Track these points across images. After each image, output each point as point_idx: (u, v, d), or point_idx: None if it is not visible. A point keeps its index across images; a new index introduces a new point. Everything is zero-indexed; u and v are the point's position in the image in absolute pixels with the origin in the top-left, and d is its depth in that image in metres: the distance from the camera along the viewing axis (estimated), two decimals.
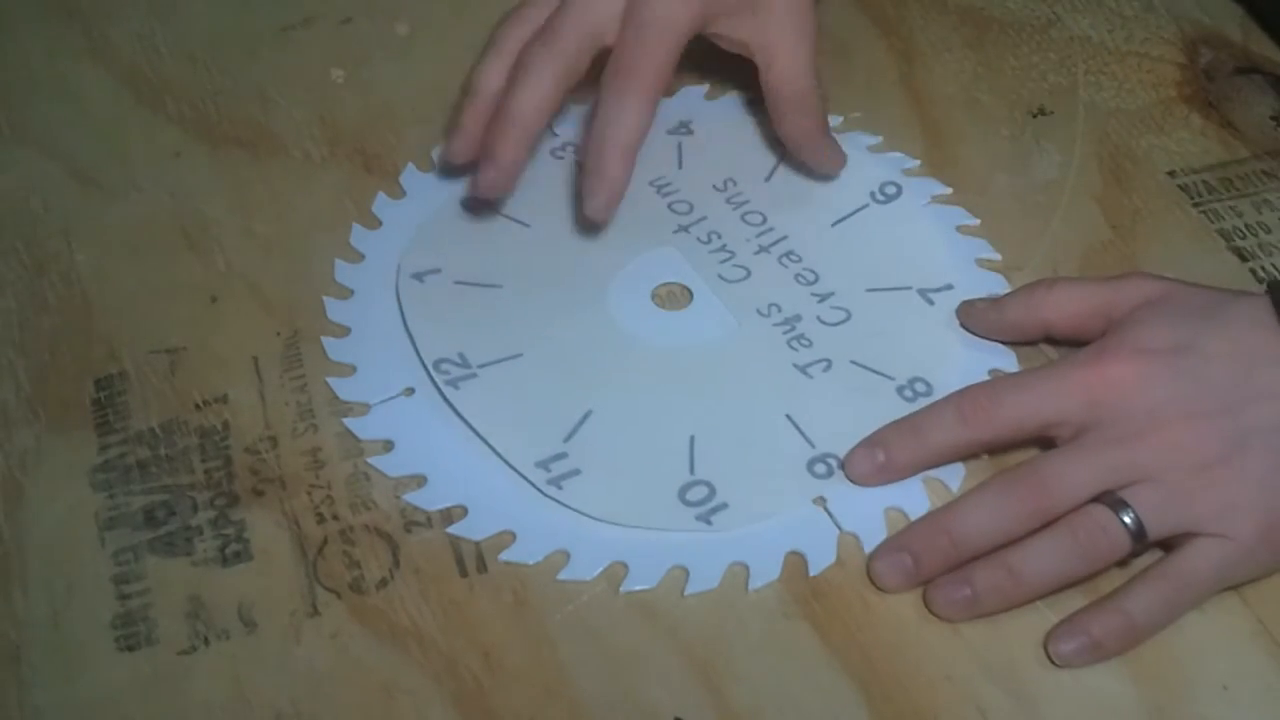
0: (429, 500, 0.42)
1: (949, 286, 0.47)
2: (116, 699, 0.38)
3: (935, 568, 0.39)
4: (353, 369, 0.45)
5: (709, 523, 0.41)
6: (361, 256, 0.49)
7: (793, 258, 0.48)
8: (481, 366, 0.45)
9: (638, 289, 0.47)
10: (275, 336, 0.46)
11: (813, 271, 0.48)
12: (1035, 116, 0.54)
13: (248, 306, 0.47)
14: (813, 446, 0.43)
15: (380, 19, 0.57)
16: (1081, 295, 0.43)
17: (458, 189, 0.50)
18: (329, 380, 0.45)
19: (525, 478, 0.42)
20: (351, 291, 0.48)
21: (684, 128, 0.53)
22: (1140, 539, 0.38)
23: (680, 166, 0.52)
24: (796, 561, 0.41)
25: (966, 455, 0.42)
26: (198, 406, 0.44)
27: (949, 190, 0.51)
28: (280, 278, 0.48)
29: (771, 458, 0.43)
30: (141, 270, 0.48)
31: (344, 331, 0.46)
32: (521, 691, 0.38)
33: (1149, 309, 0.42)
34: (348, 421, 0.44)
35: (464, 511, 0.42)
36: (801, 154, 0.50)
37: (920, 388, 0.44)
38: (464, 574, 0.41)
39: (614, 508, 0.41)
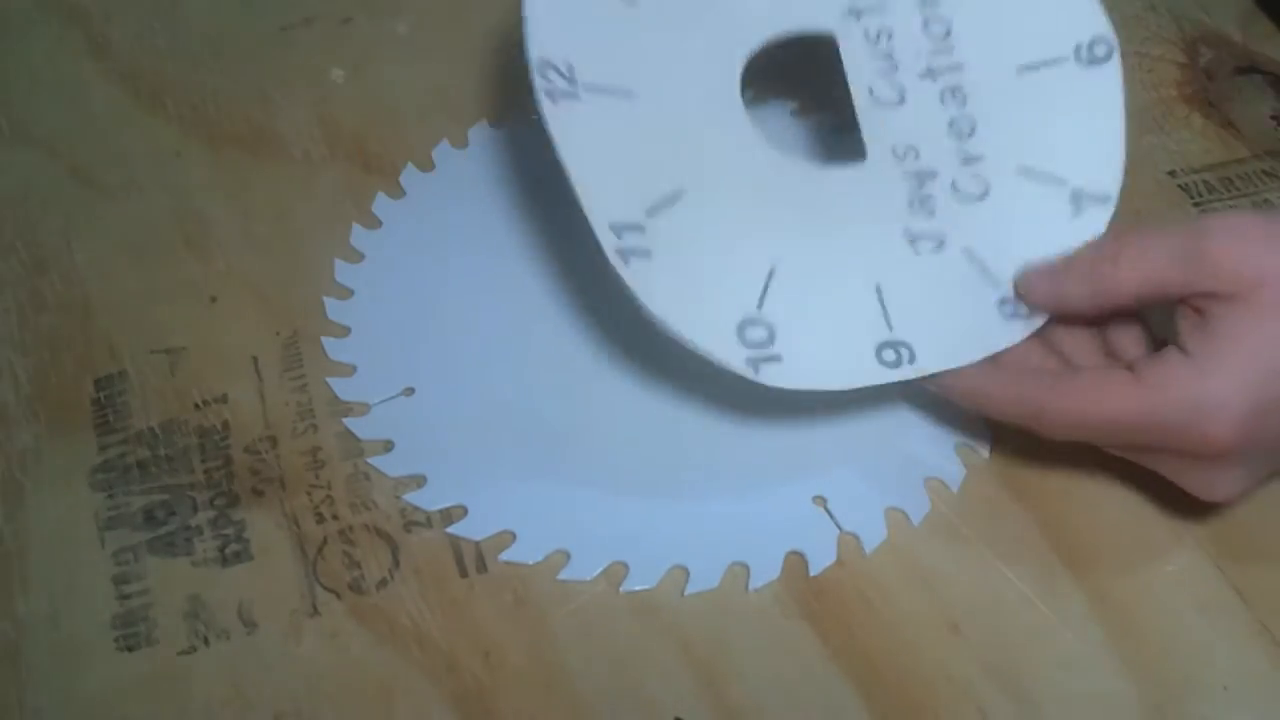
0: (429, 500, 0.42)
1: (1107, 198, 0.41)
2: (116, 699, 0.38)
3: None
4: (353, 369, 0.45)
5: (756, 370, 0.37)
6: (361, 256, 0.49)
7: (957, 96, 0.42)
8: (587, 90, 0.39)
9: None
10: (275, 336, 0.46)
11: (972, 121, 0.41)
12: None
13: (248, 306, 0.47)
14: (890, 328, 0.39)
15: (380, 19, 0.57)
16: (1152, 264, 0.37)
17: None
18: (329, 380, 0.45)
19: (594, 232, 0.37)
20: (351, 291, 0.48)
21: None
22: None
23: None
24: (796, 561, 0.41)
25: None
26: (197, 406, 0.44)
27: None
28: (280, 278, 0.48)
29: (843, 325, 0.39)
30: (141, 270, 0.48)
31: (344, 331, 0.46)
32: (521, 691, 0.38)
33: (1255, 326, 0.36)
34: (348, 421, 0.44)
35: (464, 511, 0.42)
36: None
37: (1021, 309, 0.40)
38: (464, 574, 0.41)
39: (672, 309, 0.37)
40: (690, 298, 0.38)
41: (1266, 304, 0.36)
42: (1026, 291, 0.40)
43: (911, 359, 0.39)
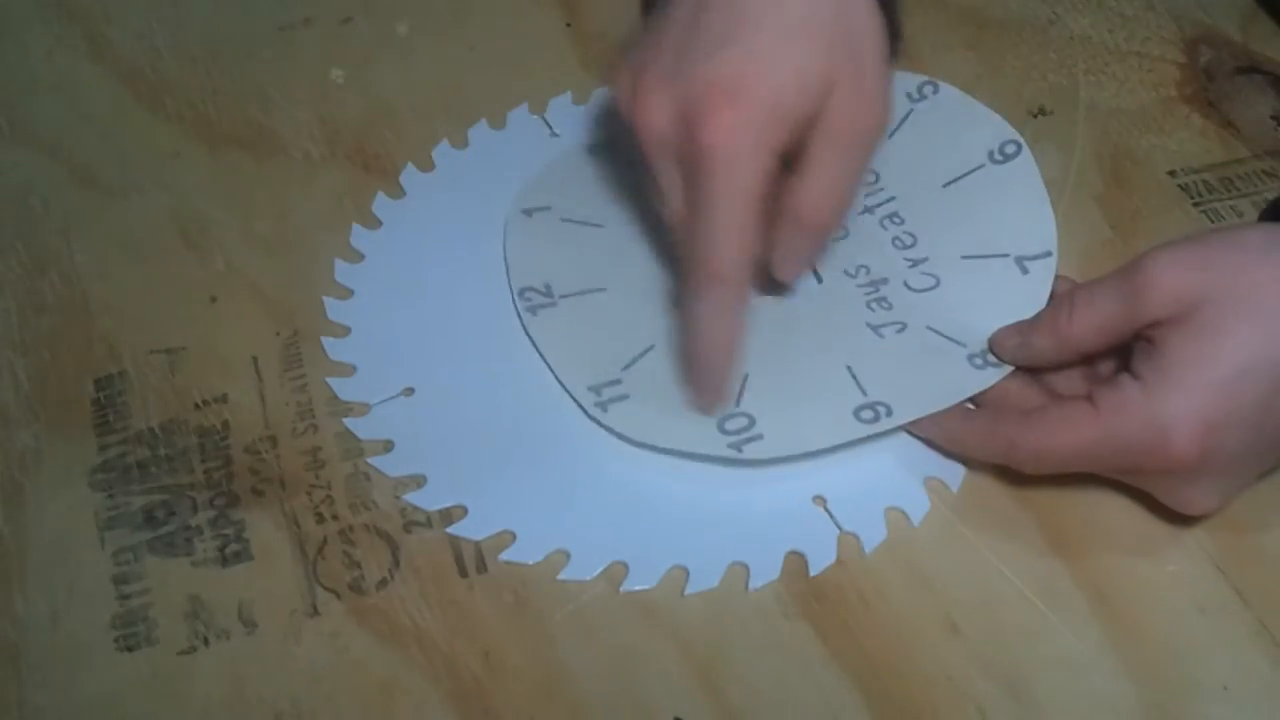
0: (429, 500, 0.42)
1: (1047, 254, 0.46)
2: (116, 699, 0.38)
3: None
4: (353, 369, 0.45)
5: (739, 451, 0.41)
6: (361, 256, 0.49)
7: (895, 220, 0.48)
8: (563, 297, 0.46)
9: None
10: (275, 336, 0.46)
11: (912, 235, 0.47)
12: (1035, 116, 0.54)
13: (248, 306, 0.47)
14: (864, 394, 0.43)
15: (380, 19, 0.57)
16: (1101, 313, 0.40)
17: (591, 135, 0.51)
18: (329, 380, 0.45)
19: (576, 400, 0.43)
20: (351, 291, 0.48)
21: None
22: None
23: None
24: (796, 561, 0.41)
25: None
26: (198, 406, 0.44)
27: None
28: (280, 278, 0.48)
29: (819, 399, 0.43)
30: (141, 270, 0.48)
31: (344, 331, 0.46)
32: (521, 691, 0.38)
33: (1194, 344, 0.38)
34: (348, 421, 0.44)
35: (464, 511, 0.42)
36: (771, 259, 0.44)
37: (991, 358, 0.43)
38: (464, 574, 0.41)
39: (652, 432, 0.42)
40: (669, 418, 0.43)
41: (1208, 322, 0.38)
42: (999, 351, 0.43)
43: (889, 413, 0.42)
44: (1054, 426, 0.40)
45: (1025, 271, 0.46)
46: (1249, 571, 0.40)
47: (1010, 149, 0.49)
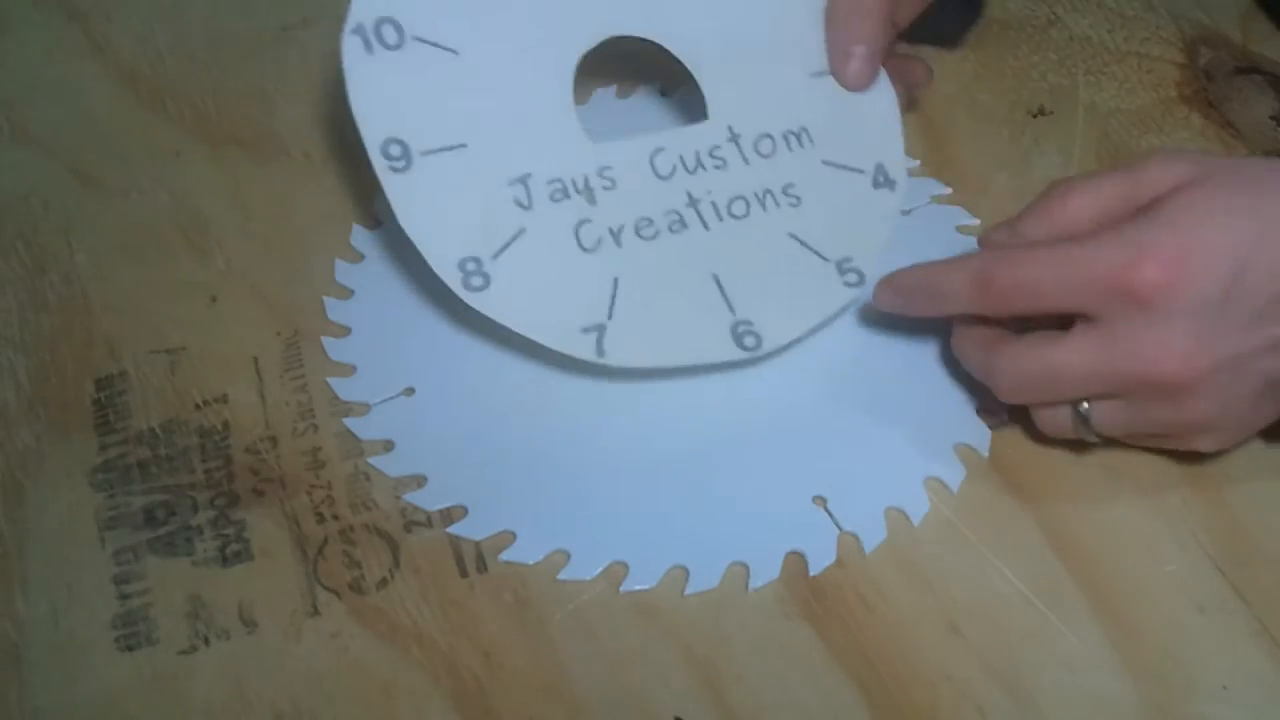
0: (429, 500, 0.42)
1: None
2: (116, 699, 0.38)
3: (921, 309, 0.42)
4: (353, 369, 0.45)
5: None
6: (361, 256, 0.49)
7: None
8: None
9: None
10: (275, 336, 0.46)
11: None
12: (1035, 116, 0.54)
13: (248, 306, 0.47)
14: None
15: None
16: (1099, 194, 0.40)
17: None
18: (329, 380, 0.45)
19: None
20: (351, 291, 0.48)
21: None
22: (1085, 424, 0.40)
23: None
24: (796, 561, 0.41)
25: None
26: (198, 406, 0.44)
27: (949, 190, 0.51)
28: (280, 278, 0.48)
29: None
30: (141, 270, 0.48)
31: (344, 331, 0.46)
32: (521, 691, 0.38)
33: (1184, 195, 0.38)
34: (348, 421, 0.44)
35: (464, 511, 0.42)
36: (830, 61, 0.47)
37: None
38: (464, 574, 0.41)
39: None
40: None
41: (1202, 189, 0.37)
42: (987, 244, 0.42)
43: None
44: (1033, 252, 0.39)
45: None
46: (1249, 571, 0.40)
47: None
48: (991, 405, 0.44)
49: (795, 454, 0.43)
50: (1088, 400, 0.39)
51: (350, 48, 0.43)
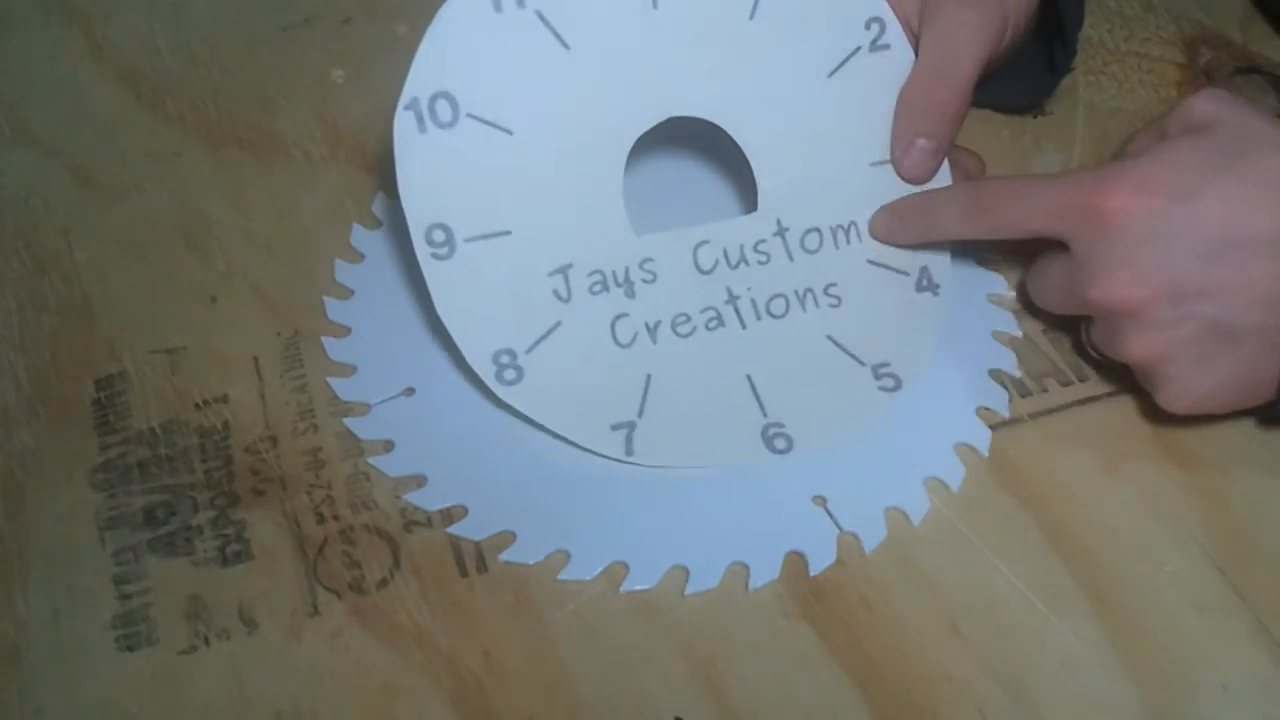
0: (429, 500, 0.42)
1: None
2: (116, 699, 0.38)
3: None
4: (353, 369, 0.45)
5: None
6: (361, 256, 0.49)
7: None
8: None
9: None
10: (275, 336, 0.46)
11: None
12: (1035, 116, 0.54)
13: (248, 306, 0.47)
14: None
15: (380, 19, 0.57)
16: (1149, 135, 0.43)
17: None
18: (329, 380, 0.45)
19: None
20: (351, 291, 0.48)
21: None
22: None
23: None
24: (796, 561, 0.41)
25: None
26: (198, 406, 0.44)
27: None
28: (280, 278, 0.48)
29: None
30: (141, 270, 0.48)
31: (344, 331, 0.46)
32: (521, 691, 0.38)
33: (1185, 138, 0.40)
34: (348, 421, 0.44)
35: (464, 511, 0.42)
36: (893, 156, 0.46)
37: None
38: (464, 574, 0.41)
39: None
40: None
41: (1200, 136, 0.40)
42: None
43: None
44: (1020, 179, 0.43)
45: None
46: (1249, 571, 0.40)
47: None
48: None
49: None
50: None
51: (402, 125, 0.42)
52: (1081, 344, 0.44)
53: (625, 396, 0.43)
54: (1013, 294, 0.47)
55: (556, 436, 0.43)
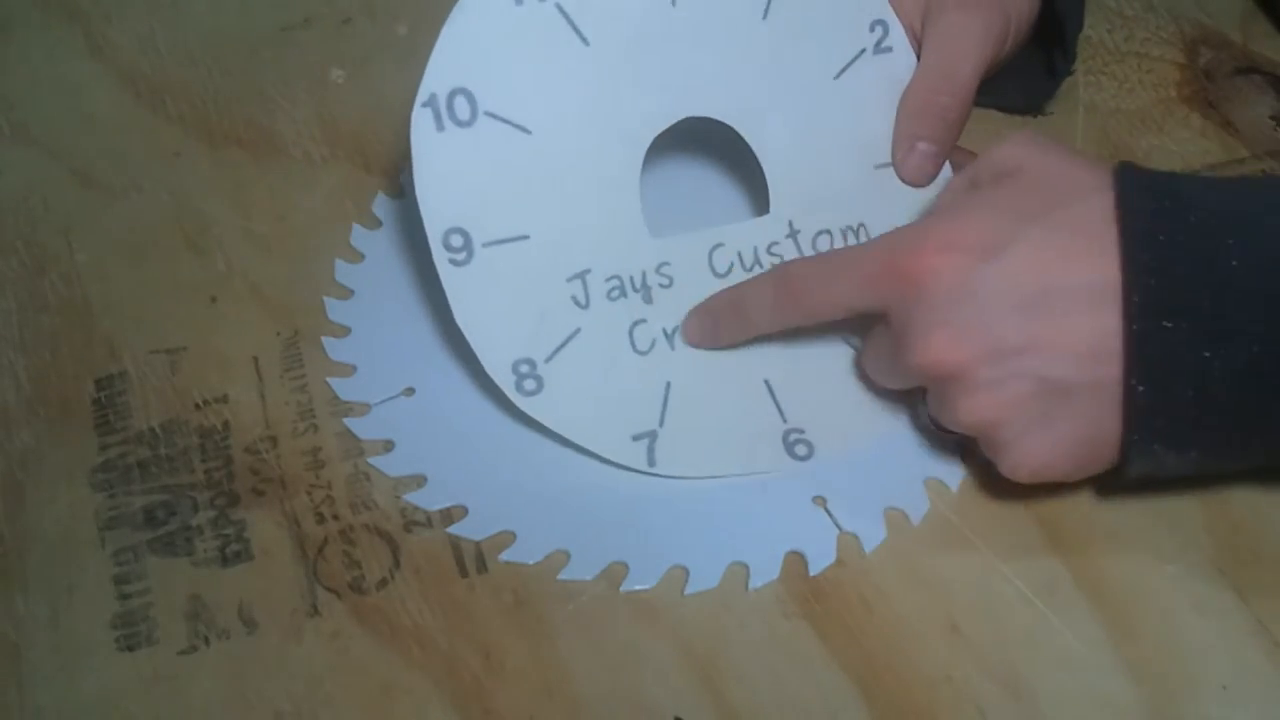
0: (429, 500, 0.42)
1: None
2: (116, 699, 0.38)
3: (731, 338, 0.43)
4: (353, 369, 0.45)
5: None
6: (361, 256, 0.49)
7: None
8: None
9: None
10: (275, 336, 0.46)
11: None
12: (1035, 116, 0.54)
13: (248, 306, 0.47)
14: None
15: (380, 19, 0.57)
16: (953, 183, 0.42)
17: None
18: (329, 380, 0.45)
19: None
20: (351, 291, 0.48)
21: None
22: None
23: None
24: (796, 561, 0.41)
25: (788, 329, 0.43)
26: (198, 406, 0.44)
27: None
28: (280, 278, 0.48)
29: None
30: (141, 270, 0.48)
31: (344, 331, 0.46)
32: (521, 691, 0.38)
33: (994, 187, 0.39)
34: (348, 421, 0.44)
35: (464, 511, 0.42)
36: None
37: None
38: (464, 574, 0.41)
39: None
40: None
41: (1007, 184, 0.38)
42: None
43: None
44: (828, 253, 0.43)
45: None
46: (1249, 571, 0.40)
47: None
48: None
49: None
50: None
51: (420, 123, 0.41)
52: (926, 421, 0.43)
53: (645, 405, 0.43)
54: None
55: (578, 449, 0.42)
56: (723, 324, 0.43)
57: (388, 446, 0.43)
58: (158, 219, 0.50)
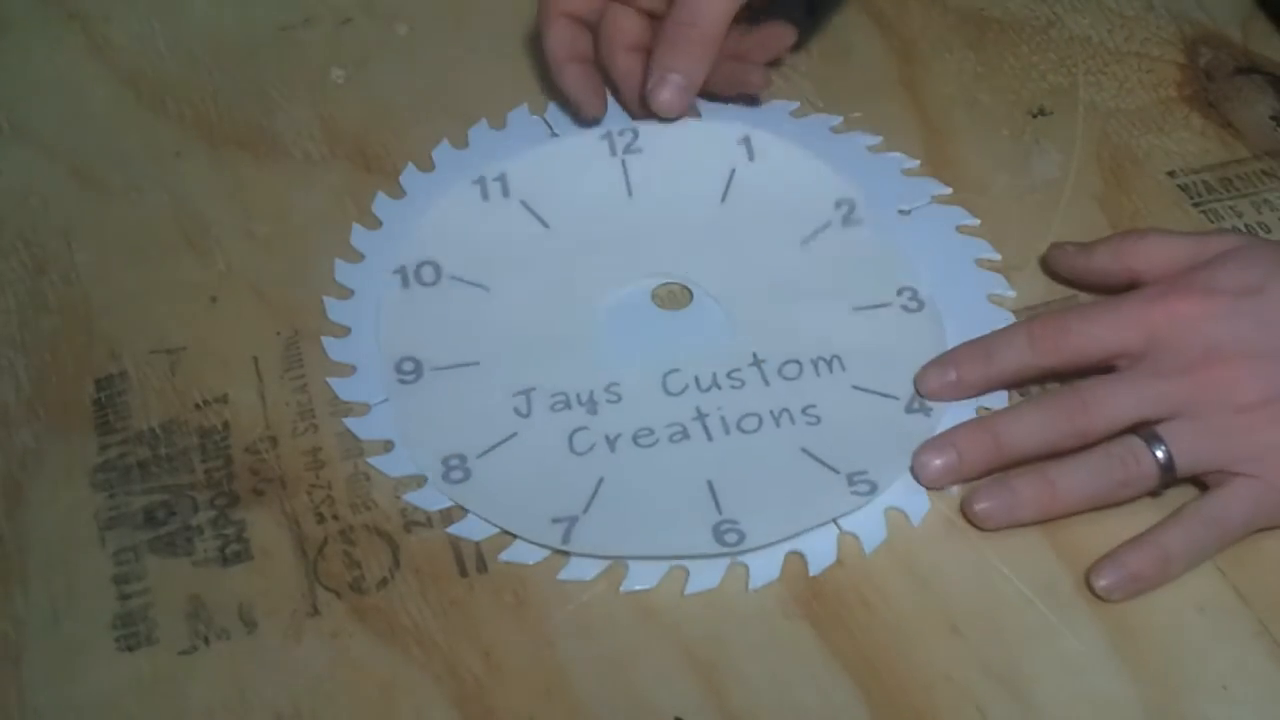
0: (429, 500, 0.42)
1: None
2: (116, 699, 0.38)
3: (977, 466, 0.41)
4: (353, 369, 0.45)
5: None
6: (361, 256, 0.49)
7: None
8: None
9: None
10: (275, 336, 0.46)
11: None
12: (1035, 116, 0.54)
13: (248, 306, 0.47)
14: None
15: (380, 19, 0.57)
16: (1171, 246, 0.44)
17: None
18: (329, 380, 0.45)
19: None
20: (351, 291, 0.48)
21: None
22: (1169, 473, 0.40)
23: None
24: (796, 561, 0.41)
25: (1033, 380, 0.43)
26: (198, 406, 0.44)
27: (949, 190, 0.51)
28: (280, 278, 0.48)
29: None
30: (141, 270, 0.48)
31: (344, 331, 0.46)
32: (521, 691, 0.38)
33: (1228, 254, 0.42)
34: (348, 421, 0.44)
35: (464, 511, 0.42)
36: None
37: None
38: (464, 574, 0.41)
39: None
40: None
41: (1255, 248, 0.43)
42: (1055, 260, 0.47)
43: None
44: (1082, 306, 0.44)
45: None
46: (1249, 571, 0.40)
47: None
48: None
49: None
50: (1162, 436, 0.40)
51: (389, 285, 0.47)
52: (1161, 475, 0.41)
53: (572, 495, 0.42)
54: (1014, 294, 0.47)
55: (496, 528, 0.41)
56: (966, 368, 0.43)
57: (388, 446, 0.43)
58: (158, 219, 0.50)
